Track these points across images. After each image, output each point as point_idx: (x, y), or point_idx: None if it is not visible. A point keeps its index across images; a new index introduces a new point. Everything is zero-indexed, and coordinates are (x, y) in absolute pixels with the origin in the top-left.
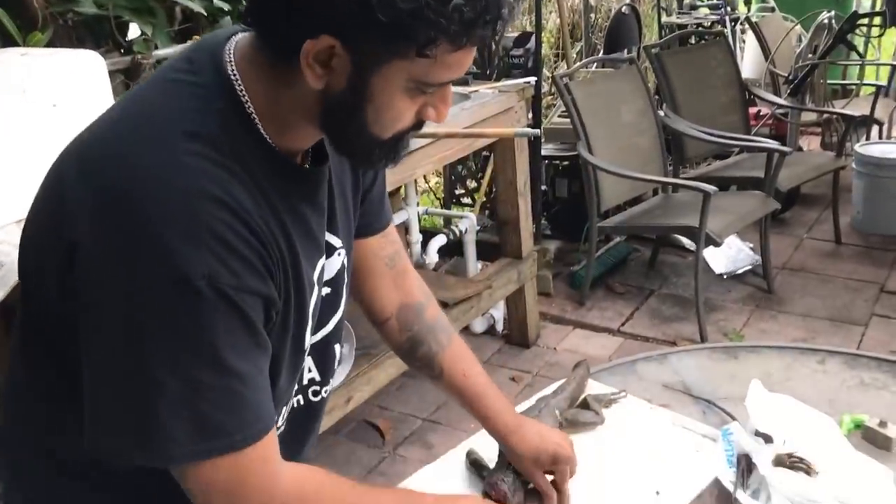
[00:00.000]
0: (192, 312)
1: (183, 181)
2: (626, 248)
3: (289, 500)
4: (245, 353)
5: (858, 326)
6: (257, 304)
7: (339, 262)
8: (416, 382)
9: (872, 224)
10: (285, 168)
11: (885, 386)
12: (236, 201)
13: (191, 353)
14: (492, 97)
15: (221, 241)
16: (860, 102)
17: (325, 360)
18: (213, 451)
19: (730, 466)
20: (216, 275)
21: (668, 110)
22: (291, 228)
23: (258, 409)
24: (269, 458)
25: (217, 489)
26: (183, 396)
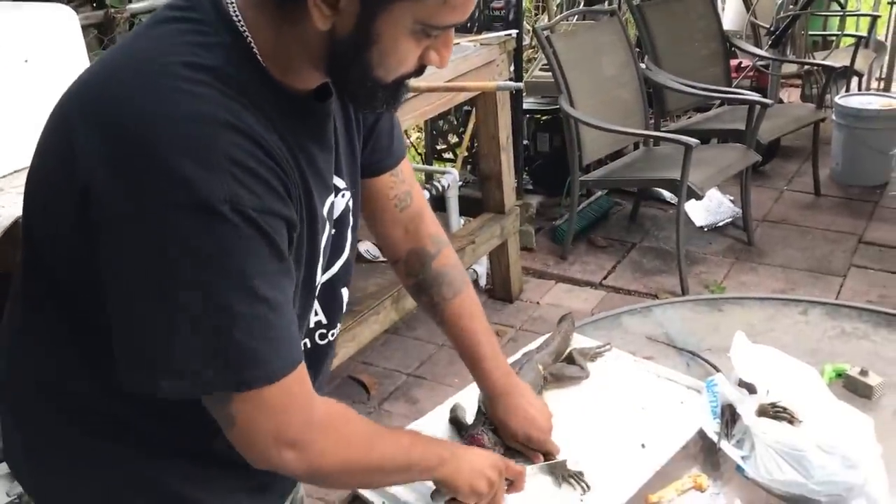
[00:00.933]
0: (217, 237)
1: (191, 110)
2: (607, 202)
3: (322, 426)
4: (273, 279)
5: (837, 277)
6: (281, 226)
7: (343, 203)
8: (400, 339)
9: (851, 175)
10: (291, 103)
11: (865, 335)
12: (247, 125)
13: (221, 279)
14: (473, 50)
15: (238, 164)
16: (840, 54)
17: (332, 303)
18: (253, 381)
19: (714, 417)
20: (237, 198)
21: (649, 63)
22: (303, 162)
23: (291, 337)
24: (305, 385)
25: (259, 416)
26: (217, 325)
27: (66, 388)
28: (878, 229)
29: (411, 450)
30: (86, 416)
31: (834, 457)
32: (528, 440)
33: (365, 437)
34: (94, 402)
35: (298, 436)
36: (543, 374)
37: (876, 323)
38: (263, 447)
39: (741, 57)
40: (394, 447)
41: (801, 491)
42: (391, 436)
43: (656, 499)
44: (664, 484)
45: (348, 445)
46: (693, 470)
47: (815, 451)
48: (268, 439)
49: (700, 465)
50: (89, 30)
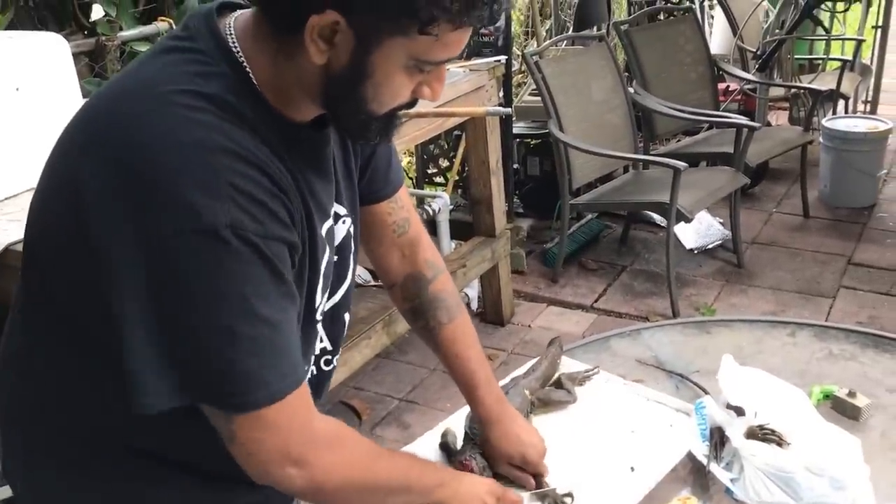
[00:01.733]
0: (219, 262)
1: (192, 136)
2: (597, 225)
3: (324, 444)
4: (275, 301)
5: (827, 298)
6: (282, 250)
7: (344, 229)
8: (392, 363)
9: (839, 197)
10: (290, 132)
11: (853, 357)
12: (248, 151)
13: (222, 303)
14: (463, 76)
15: (240, 190)
16: (826, 77)
17: (335, 329)
18: (255, 402)
19: (703, 440)
20: (240, 223)
21: (637, 87)
22: (304, 188)
23: (293, 357)
24: (306, 404)
25: (262, 435)
26: (219, 347)
27: (68, 410)
28: (867, 250)
29: (410, 471)
30: (87, 436)
31: (822, 478)
32: (524, 462)
33: (366, 457)
34: (95, 422)
35: (301, 453)
36: (530, 399)
37: (864, 344)
38: (266, 463)
39: (729, 81)
40: (394, 467)
41: None
42: (390, 456)
43: None
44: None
45: (350, 464)
46: (682, 492)
47: (804, 472)
48: (270, 455)
49: (689, 488)
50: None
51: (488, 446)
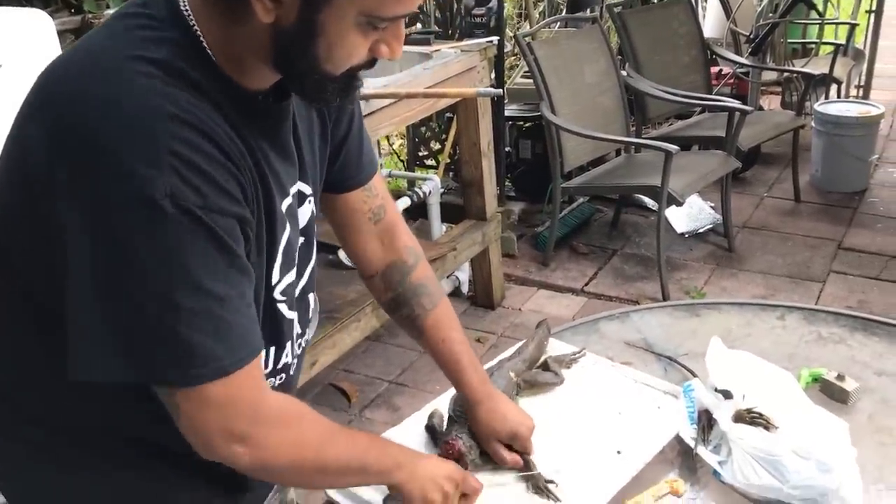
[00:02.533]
0: (159, 233)
1: (135, 102)
2: (589, 208)
3: (272, 422)
4: (222, 275)
5: (817, 283)
6: (230, 224)
7: (309, 210)
8: (382, 346)
9: (831, 182)
10: (244, 100)
11: (842, 340)
12: (195, 117)
13: (163, 274)
14: (454, 57)
15: (183, 159)
16: (819, 61)
17: (305, 312)
18: (202, 377)
19: (691, 423)
20: (180, 193)
21: (630, 70)
22: (261, 160)
23: (243, 332)
24: (256, 382)
25: (206, 410)
26: (162, 319)
27: (33, 391)
28: (858, 235)
29: (367, 452)
30: (52, 421)
31: (809, 461)
32: (512, 437)
33: (317, 437)
34: (60, 403)
35: (246, 430)
36: (516, 381)
37: (853, 328)
38: (210, 439)
39: (721, 64)
40: (349, 448)
41: (776, 495)
42: (347, 437)
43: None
44: (641, 489)
45: (299, 444)
46: (670, 475)
47: (791, 455)
48: (214, 432)
49: (677, 470)
50: (66, 35)
51: (476, 426)
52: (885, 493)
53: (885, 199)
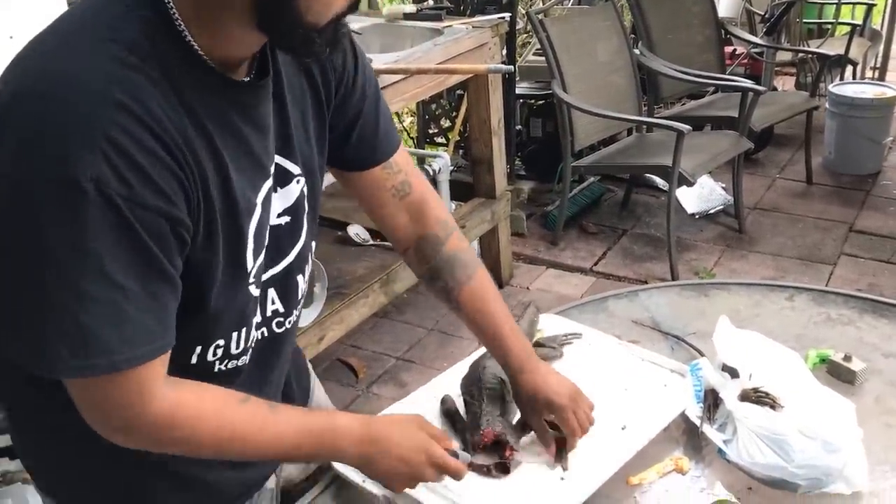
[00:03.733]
0: (78, 216)
1: (88, 84)
2: (599, 188)
3: (159, 422)
4: (134, 270)
5: (827, 265)
6: (157, 222)
7: (297, 189)
8: (390, 322)
9: (844, 164)
10: (216, 80)
11: (850, 321)
12: (145, 109)
13: (74, 258)
14: (465, 33)
15: (117, 147)
16: (835, 42)
17: (288, 291)
18: (94, 368)
19: (697, 402)
20: (105, 180)
21: (643, 49)
22: (221, 145)
23: (144, 331)
24: (147, 382)
25: (90, 399)
26: (68, 304)
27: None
28: (869, 218)
29: (296, 451)
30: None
31: (815, 441)
32: (550, 405)
33: (216, 437)
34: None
35: (125, 424)
36: None
37: (862, 309)
38: (95, 424)
39: (736, 44)
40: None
41: (781, 474)
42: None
43: (637, 480)
44: (645, 466)
45: (190, 444)
46: (675, 452)
47: (797, 435)
48: (96, 419)
49: (682, 448)
50: None
51: (516, 397)
52: (889, 474)
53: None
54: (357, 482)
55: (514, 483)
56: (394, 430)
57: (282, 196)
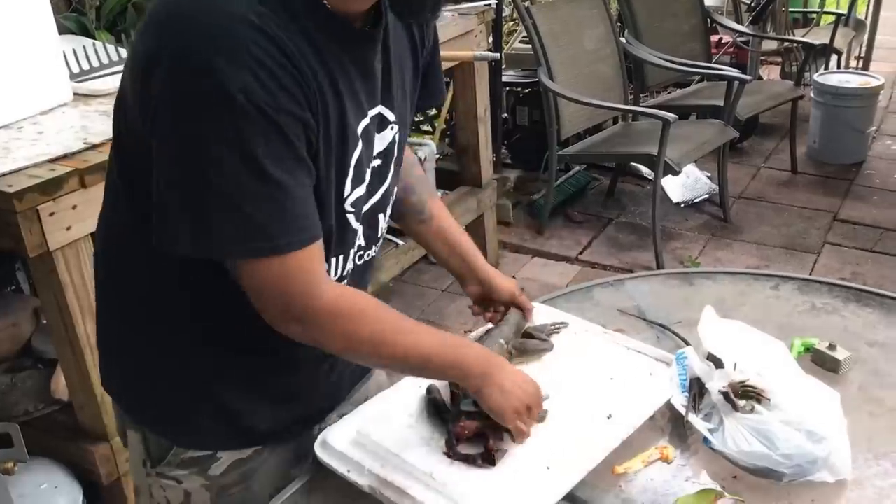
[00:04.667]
0: (231, 121)
1: (227, 10)
2: (585, 176)
3: (325, 310)
4: (285, 165)
5: (811, 254)
6: (295, 125)
7: (391, 135)
8: None
9: (828, 153)
10: (336, 25)
11: (835, 310)
12: (273, 31)
13: (231, 156)
14: (451, 20)
15: (258, 62)
16: (820, 31)
17: (372, 228)
18: (258, 250)
19: (682, 391)
20: (252, 90)
21: (629, 37)
22: (337, 77)
23: (302, 219)
24: (312, 269)
25: (266, 288)
26: (228, 196)
27: (130, 271)
28: (853, 207)
29: (430, 360)
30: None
31: (800, 430)
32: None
33: (371, 336)
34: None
35: (301, 312)
36: (507, 349)
37: (846, 298)
38: (272, 314)
39: (721, 33)
40: (405, 351)
41: (766, 463)
42: (410, 338)
43: (622, 469)
44: (631, 455)
45: (349, 338)
46: (660, 441)
47: (781, 424)
48: (273, 308)
49: (667, 437)
50: None
51: (497, 293)
52: (872, 462)
53: (882, 171)
54: (342, 472)
55: (501, 473)
56: (505, 362)
57: (379, 140)
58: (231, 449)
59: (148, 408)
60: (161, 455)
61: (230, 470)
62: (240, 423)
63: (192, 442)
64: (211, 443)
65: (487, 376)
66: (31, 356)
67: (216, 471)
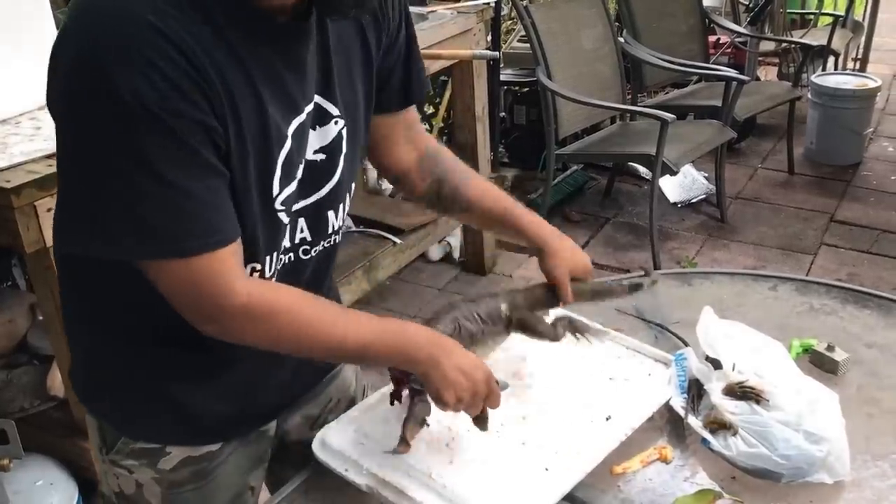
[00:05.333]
0: (123, 124)
1: (127, 9)
2: (582, 176)
3: (242, 313)
4: (186, 169)
5: (808, 255)
6: (194, 127)
7: (335, 130)
8: (372, 309)
9: (825, 154)
10: (255, 19)
11: (833, 311)
12: (174, 32)
13: (125, 160)
14: (450, 18)
15: (150, 63)
16: (818, 33)
17: (318, 223)
18: (163, 252)
19: (681, 392)
20: (143, 93)
21: (627, 37)
22: (256, 75)
23: (208, 222)
24: (223, 270)
25: (174, 289)
26: (122, 198)
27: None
28: (850, 208)
29: (367, 349)
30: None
31: (798, 431)
32: (586, 270)
33: (295, 331)
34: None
35: (215, 314)
36: (506, 314)
37: (844, 300)
38: (187, 314)
39: (719, 33)
40: (339, 342)
41: (764, 464)
42: (339, 329)
43: (621, 469)
44: (629, 455)
45: (270, 335)
46: (658, 441)
47: (780, 425)
48: (187, 309)
49: (666, 437)
50: None
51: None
52: (870, 463)
53: (878, 172)
54: (340, 471)
55: (500, 473)
56: (455, 345)
57: (319, 134)
58: (180, 444)
59: (99, 397)
60: (113, 443)
61: (181, 466)
62: (186, 416)
63: (138, 433)
64: (157, 435)
65: (433, 361)
66: (26, 352)
67: (166, 465)
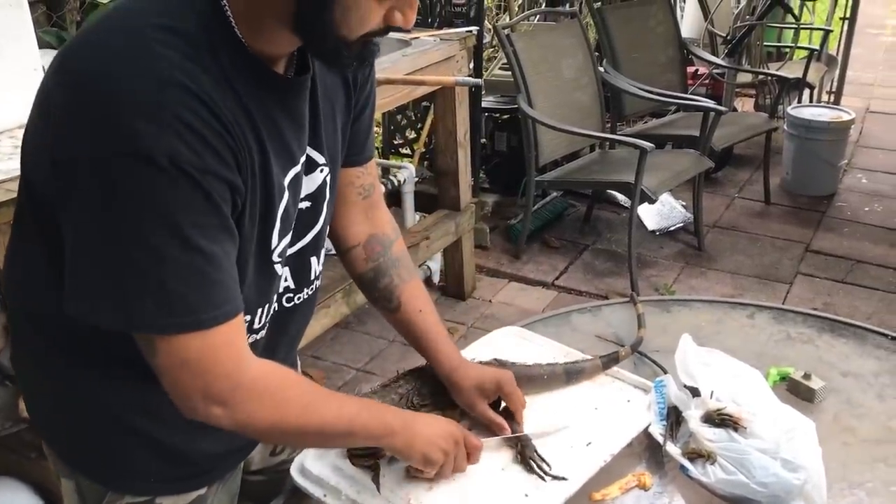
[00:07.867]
0: (155, 188)
1: (151, 69)
2: (562, 203)
3: (254, 388)
4: (210, 233)
5: (784, 284)
6: (222, 187)
7: (320, 178)
8: (350, 333)
9: (801, 185)
10: (261, 73)
11: (810, 340)
12: (203, 91)
13: (154, 225)
14: (433, 45)
15: (185, 124)
16: (793, 66)
17: (301, 271)
18: (180, 325)
19: (660, 419)
20: (178, 154)
21: (607, 66)
22: (263, 131)
23: (225, 290)
24: (236, 343)
25: (185, 367)
26: (149, 267)
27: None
28: (825, 238)
29: (355, 420)
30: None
31: (776, 459)
32: (499, 385)
33: (301, 404)
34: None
35: (225, 395)
36: None
37: (820, 328)
38: (189, 399)
39: (698, 64)
40: (334, 416)
41: (742, 491)
42: (334, 403)
43: (600, 496)
44: (609, 481)
45: (279, 411)
46: (637, 468)
47: (758, 452)
48: (193, 391)
49: (645, 464)
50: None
51: (458, 393)
52: (847, 491)
53: (852, 204)
54: (318, 496)
55: (480, 499)
56: (419, 417)
57: (306, 183)
58: (170, 494)
59: (79, 450)
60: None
61: None
62: (175, 459)
63: (126, 486)
64: (145, 485)
65: (409, 431)
66: None
67: None
